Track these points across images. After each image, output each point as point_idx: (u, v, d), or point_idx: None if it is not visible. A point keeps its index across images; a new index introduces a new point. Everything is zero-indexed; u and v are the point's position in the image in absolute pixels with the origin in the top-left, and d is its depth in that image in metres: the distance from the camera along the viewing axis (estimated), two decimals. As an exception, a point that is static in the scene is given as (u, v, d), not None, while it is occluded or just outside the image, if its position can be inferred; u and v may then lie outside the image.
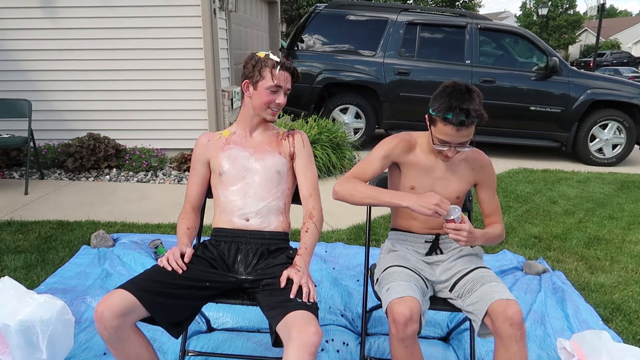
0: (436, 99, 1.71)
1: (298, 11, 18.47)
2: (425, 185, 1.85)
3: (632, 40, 40.40)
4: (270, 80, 1.78)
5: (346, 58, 6.22)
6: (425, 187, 1.84)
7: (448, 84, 1.72)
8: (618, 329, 2.43)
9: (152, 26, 5.08)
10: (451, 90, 1.67)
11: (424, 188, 1.84)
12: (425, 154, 1.85)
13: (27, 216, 3.71)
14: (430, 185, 1.85)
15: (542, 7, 29.75)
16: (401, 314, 1.55)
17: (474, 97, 1.66)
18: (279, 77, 1.78)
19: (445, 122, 1.67)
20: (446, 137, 1.69)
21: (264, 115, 1.84)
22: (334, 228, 3.63)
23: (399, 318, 1.55)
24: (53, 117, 5.28)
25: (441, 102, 1.68)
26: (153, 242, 2.94)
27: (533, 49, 6.22)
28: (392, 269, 1.80)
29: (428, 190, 1.84)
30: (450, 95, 1.66)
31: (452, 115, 1.64)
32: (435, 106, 1.70)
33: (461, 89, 1.67)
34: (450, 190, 1.85)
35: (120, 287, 1.52)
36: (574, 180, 5.22)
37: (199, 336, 2.24)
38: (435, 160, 1.84)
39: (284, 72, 1.79)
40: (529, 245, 3.41)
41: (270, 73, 1.78)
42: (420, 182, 1.85)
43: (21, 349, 1.83)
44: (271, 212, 1.84)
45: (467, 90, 1.67)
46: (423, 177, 1.85)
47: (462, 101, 1.64)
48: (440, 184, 1.85)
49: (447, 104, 1.65)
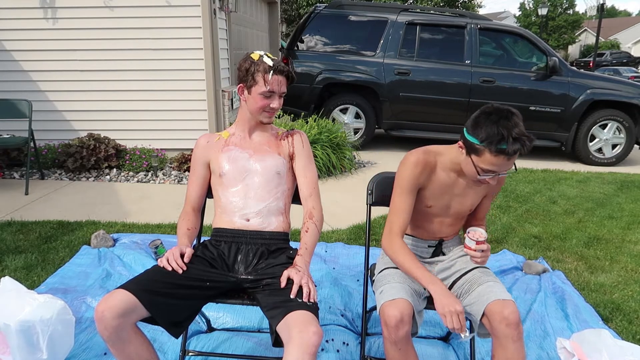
0: (480, 127, 1.55)
1: (298, 11, 18.47)
2: (442, 203, 1.80)
3: (631, 40, 40.39)
4: (263, 85, 1.75)
5: (346, 58, 6.22)
6: (442, 204, 1.80)
7: (488, 109, 1.58)
8: (618, 329, 2.43)
9: (152, 26, 5.08)
10: (497, 118, 1.54)
11: (440, 206, 1.80)
12: (445, 172, 1.75)
13: (27, 216, 3.72)
14: (447, 202, 1.80)
15: (541, 7, 29.73)
16: (392, 317, 1.55)
17: (519, 122, 1.54)
18: (272, 83, 1.74)
19: (497, 153, 1.53)
20: (494, 167, 1.57)
21: (260, 119, 1.84)
22: (334, 228, 3.63)
23: (390, 321, 1.55)
24: (53, 117, 5.28)
25: (489, 131, 1.53)
26: (153, 242, 2.94)
27: (533, 49, 6.22)
28: (387, 271, 1.80)
29: (444, 207, 1.80)
30: (498, 124, 1.52)
31: (507, 146, 1.51)
32: (482, 136, 1.54)
33: (505, 115, 1.54)
34: (466, 206, 1.82)
35: (120, 287, 1.52)
36: (573, 180, 5.23)
37: (199, 336, 2.24)
38: (456, 178, 1.76)
39: (277, 76, 1.75)
40: (529, 245, 3.42)
41: (262, 78, 1.75)
42: (437, 201, 1.79)
43: (21, 349, 1.83)
44: (271, 213, 1.84)
45: (511, 115, 1.55)
46: (442, 195, 1.78)
47: (511, 128, 1.51)
48: (457, 200, 1.80)
49: (498, 134, 1.51)
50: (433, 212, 1.82)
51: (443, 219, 1.84)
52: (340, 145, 5.27)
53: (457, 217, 1.85)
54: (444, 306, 1.53)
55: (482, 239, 1.69)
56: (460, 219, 1.88)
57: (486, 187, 1.82)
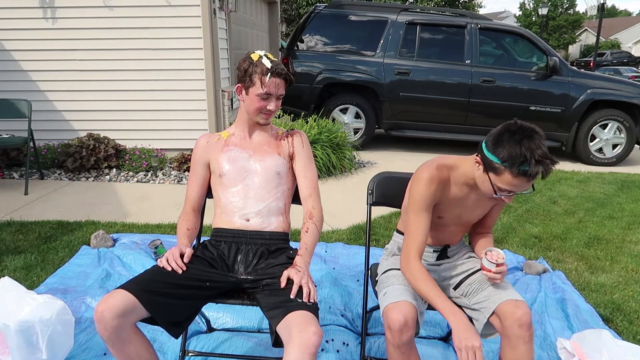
0: (502, 147, 1.49)
1: (298, 11, 18.47)
2: (453, 215, 1.78)
3: (632, 40, 40.41)
4: (260, 87, 1.74)
5: (346, 58, 6.22)
6: (453, 215, 1.78)
7: (512, 127, 1.50)
8: (618, 329, 2.43)
9: (152, 26, 5.08)
10: (520, 138, 1.46)
11: (451, 217, 1.78)
12: (458, 185, 1.71)
13: (27, 216, 3.71)
14: (458, 213, 1.78)
15: (542, 7, 29.73)
16: (396, 321, 1.54)
17: (542, 143, 1.46)
18: (269, 85, 1.74)
19: (518, 175, 1.47)
20: (513, 187, 1.51)
21: (257, 120, 1.83)
22: (334, 228, 3.63)
23: (394, 325, 1.54)
24: (53, 117, 5.28)
25: (512, 151, 1.46)
26: (153, 242, 2.93)
27: (533, 49, 6.22)
28: (391, 272, 1.80)
29: (455, 217, 1.78)
30: (521, 144, 1.45)
31: (529, 168, 1.45)
32: (504, 156, 1.48)
33: (529, 134, 1.47)
34: (475, 216, 1.80)
35: (120, 287, 1.51)
36: (574, 180, 5.22)
37: (199, 336, 2.24)
38: (469, 191, 1.73)
39: (275, 78, 1.74)
40: (529, 245, 3.41)
41: (260, 80, 1.74)
42: (449, 213, 1.77)
43: (21, 349, 1.83)
44: (271, 213, 1.84)
45: (535, 134, 1.47)
46: (454, 208, 1.76)
47: (534, 150, 1.44)
48: (468, 212, 1.78)
49: (520, 155, 1.45)
50: (444, 222, 1.81)
51: (453, 228, 1.84)
52: (340, 145, 5.27)
53: (466, 225, 1.85)
54: (461, 340, 1.46)
55: (501, 261, 1.63)
56: (469, 226, 1.87)
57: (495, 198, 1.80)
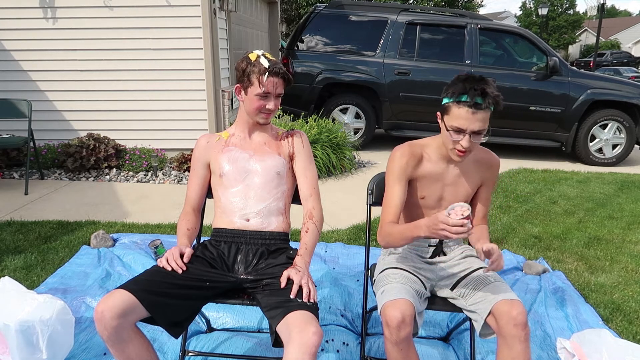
0: (449, 87, 1.66)
1: (298, 11, 18.46)
2: (434, 193, 1.82)
3: (632, 40, 40.40)
4: (258, 87, 1.74)
5: (346, 58, 6.22)
6: (435, 194, 1.82)
7: (461, 75, 1.68)
8: (618, 329, 2.43)
9: (152, 26, 5.08)
10: (465, 77, 1.64)
11: (433, 196, 1.82)
12: (433, 162, 1.80)
13: (27, 216, 3.71)
14: (439, 192, 1.82)
15: (542, 7, 29.74)
16: (394, 318, 1.54)
17: (489, 82, 1.63)
18: (267, 84, 1.74)
19: (459, 105, 1.61)
20: (460, 122, 1.62)
21: (257, 119, 1.83)
22: (334, 228, 3.63)
23: (392, 322, 1.55)
24: (53, 117, 5.28)
25: (455, 87, 1.63)
26: (153, 242, 2.92)
27: (533, 49, 6.22)
28: (388, 271, 1.80)
29: (438, 197, 1.83)
30: (464, 81, 1.62)
31: (468, 97, 1.59)
32: (449, 93, 1.65)
33: (475, 76, 1.64)
34: (459, 196, 1.83)
35: (120, 287, 1.51)
36: (574, 180, 5.23)
37: (199, 336, 2.24)
38: (446, 167, 1.80)
39: (273, 77, 1.74)
40: (529, 245, 3.41)
41: (258, 80, 1.74)
42: (429, 191, 1.82)
43: (21, 349, 1.83)
44: (271, 213, 1.84)
45: (481, 77, 1.64)
46: (433, 185, 1.81)
47: (476, 83, 1.60)
48: (450, 190, 1.82)
49: (461, 88, 1.61)
50: (427, 204, 1.83)
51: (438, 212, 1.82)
52: (340, 145, 5.27)
53: None
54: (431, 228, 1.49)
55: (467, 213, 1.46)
56: None
57: (478, 175, 1.83)
